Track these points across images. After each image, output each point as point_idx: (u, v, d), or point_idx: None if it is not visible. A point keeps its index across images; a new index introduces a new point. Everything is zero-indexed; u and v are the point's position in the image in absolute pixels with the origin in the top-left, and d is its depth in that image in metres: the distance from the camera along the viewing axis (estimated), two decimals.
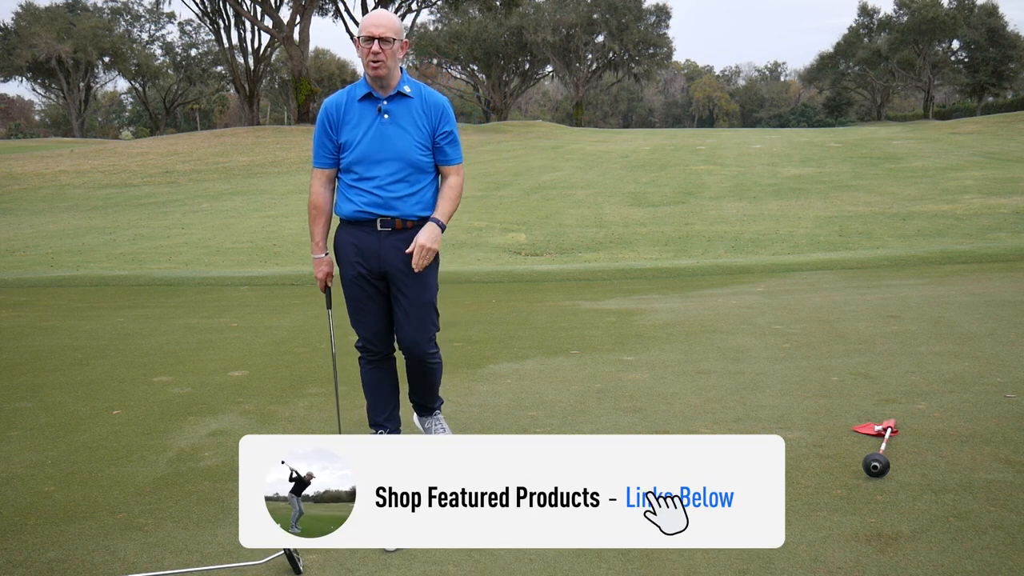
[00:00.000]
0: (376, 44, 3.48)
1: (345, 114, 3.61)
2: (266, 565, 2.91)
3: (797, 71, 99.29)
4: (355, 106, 3.61)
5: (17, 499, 3.55)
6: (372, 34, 3.49)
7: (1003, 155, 22.72)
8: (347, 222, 3.68)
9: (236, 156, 29.11)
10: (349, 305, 3.76)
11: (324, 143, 3.65)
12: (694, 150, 27.28)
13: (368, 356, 3.81)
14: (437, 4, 52.28)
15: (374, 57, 3.49)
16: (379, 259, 3.63)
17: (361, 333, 3.78)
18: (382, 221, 3.60)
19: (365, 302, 3.71)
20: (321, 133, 3.65)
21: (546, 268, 10.72)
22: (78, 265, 12.22)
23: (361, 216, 3.60)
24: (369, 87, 3.60)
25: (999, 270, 9.22)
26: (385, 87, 3.58)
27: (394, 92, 3.59)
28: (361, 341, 3.80)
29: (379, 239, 3.61)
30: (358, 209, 3.60)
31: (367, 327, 3.76)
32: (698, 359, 5.58)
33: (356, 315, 3.76)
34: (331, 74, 75.87)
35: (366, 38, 3.50)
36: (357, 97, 3.61)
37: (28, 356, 6.34)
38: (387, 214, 3.59)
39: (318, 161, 3.69)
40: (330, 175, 3.69)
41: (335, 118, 3.62)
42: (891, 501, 3.22)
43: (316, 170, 3.71)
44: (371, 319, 3.74)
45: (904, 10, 68.59)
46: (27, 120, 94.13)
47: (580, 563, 2.85)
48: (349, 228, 3.67)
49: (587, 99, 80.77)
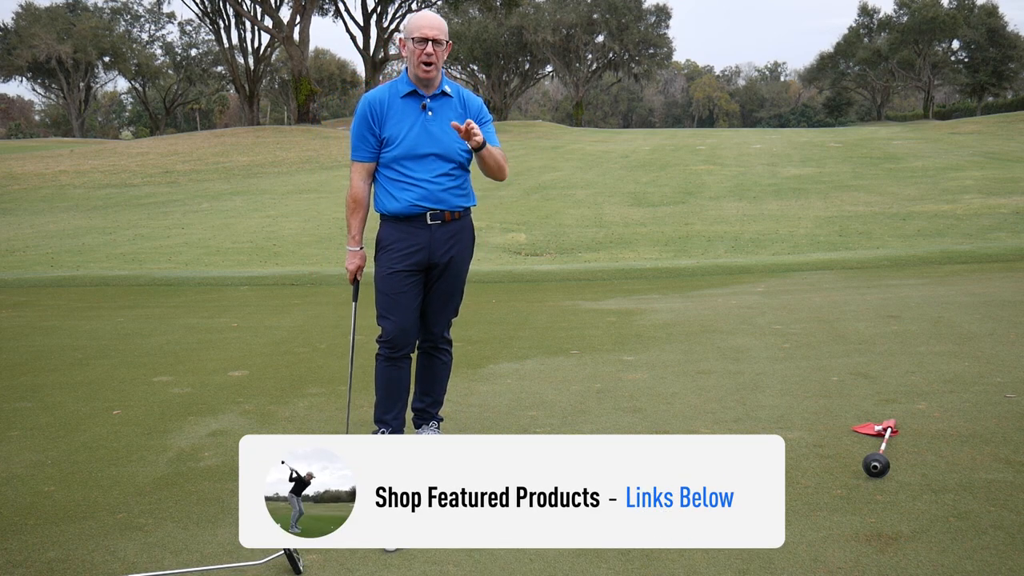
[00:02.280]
0: (430, 46, 3.55)
1: (389, 109, 3.66)
2: (266, 565, 2.91)
3: (797, 71, 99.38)
4: (398, 102, 3.66)
5: (17, 499, 3.55)
6: (427, 36, 3.55)
7: (1003, 155, 22.72)
8: (395, 218, 3.71)
9: (236, 156, 29.11)
10: (383, 298, 3.75)
11: (366, 136, 3.69)
12: (694, 150, 27.28)
13: (389, 352, 3.78)
14: (437, 4, 52.24)
15: (427, 59, 3.56)
16: (430, 251, 3.70)
17: (387, 328, 3.76)
18: (432, 214, 3.67)
19: (401, 296, 3.72)
20: (363, 126, 3.68)
21: (546, 268, 10.72)
22: (78, 265, 12.22)
23: (412, 211, 3.66)
24: (412, 85, 3.66)
25: (999, 270, 9.22)
26: (429, 86, 3.66)
27: (437, 91, 3.67)
28: (385, 336, 3.78)
29: (431, 232, 3.69)
30: (411, 204, 3.65)
31: (396, 322, 3.74)
32: (698, 359, 5.58)
33: (389, 308, 3.74)
34: (331, 74, 75.85)
35: (420, 39, 3.56)
36: (400, 94, 3.67)
37: (28, 356, 6.34)
38: (437, 207, 3.67)
39: (358, 154, 3.73)
40: (370, 169, 3.74)
41: (379, 112, 3.66)
42: (891, 501, 3.22)
43: (356, 163, 3.74)
44: (404, 313, 3.74)
45: (904, 10, 68.61)
46: (27, 120, 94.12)
47: (580, 563, 2.85)
48: (397, 224, 3.71)
49: (587, 99, 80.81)
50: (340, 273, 10.00)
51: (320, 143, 31.59)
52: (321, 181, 22.99)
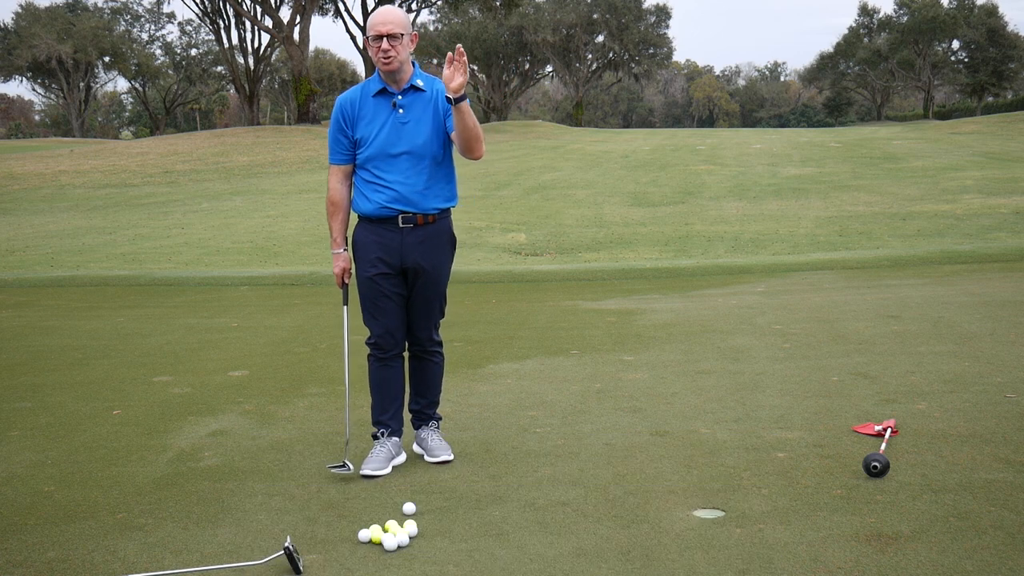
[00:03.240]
0: (385, 41, 3.52)
1: (360, 110, 3.64)
2: (266, 565, 2.90)
3: (797, 71, 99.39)
4: (369, 102, 3.64)
5: (17, 499, 3.55)
6: (380, 32, 3.52)
7: (1003, 155, 22.72)
8: (367, 219, 3.69)
9: (236, 156, 29.11)
10: (364, 302, 3.77)
11: (339, 139, 3.68)
12: (694, 150, 27.28)
13: (378, 354, 3.81)
14: (437, 4, 52.28)
15: (384, 54, 3.52)
16: (401, 255, 3.65)
17: (374, 330, 3.78)
18: (404, 217, 3.62)
19: (381, 299, 3.71)
20: (336, 130, 3.68)
21: (546, 268, 10.71)
22: (78, 265, 12.22)
23: (383, 213, 3.62)
24: (383, 82, 3.63)
25: (999, 270, 9.22)
26: (398, 82, 3.61)
27: (407, 86, 3.62)
28: (373, 338, 3.80)
29: (401, 235, 3.64)
30: (380, 206, 3.61)
31: (381, 324, 3.76)
32: (698, 359, 5.58)
33: (371, 312, 3.76)
34: (331, 74, 75.83)
35: (375, 37, 3.53)
36: (371, 93, 3.64)
37: (28, 356, 6.34)
38: (409, 210, 3.62)
39: (334, 157, 3.72)
40: (347, 171, 3.73)
41: (350, 114, 3.64)
42: (891, 501, 3.22)
43: (333, 166, 3.74)
44: (386, 316, 3.74)
45: (904, 10, 68.64)
46: (27, 120, 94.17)
47: (580, 563, 2.85)
48: (369, 225, 3.69)
49: (587, 99, 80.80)
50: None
51: (320, 143, 31.57)
52: (321, 181, 22.97)
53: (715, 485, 3.45)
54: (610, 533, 3.06)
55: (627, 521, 3.15)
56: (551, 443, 4.04)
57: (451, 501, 3.41)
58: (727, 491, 3.38)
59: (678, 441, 3.99)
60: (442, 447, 3.86)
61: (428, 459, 3.83)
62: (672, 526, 3.09)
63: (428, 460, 3.83)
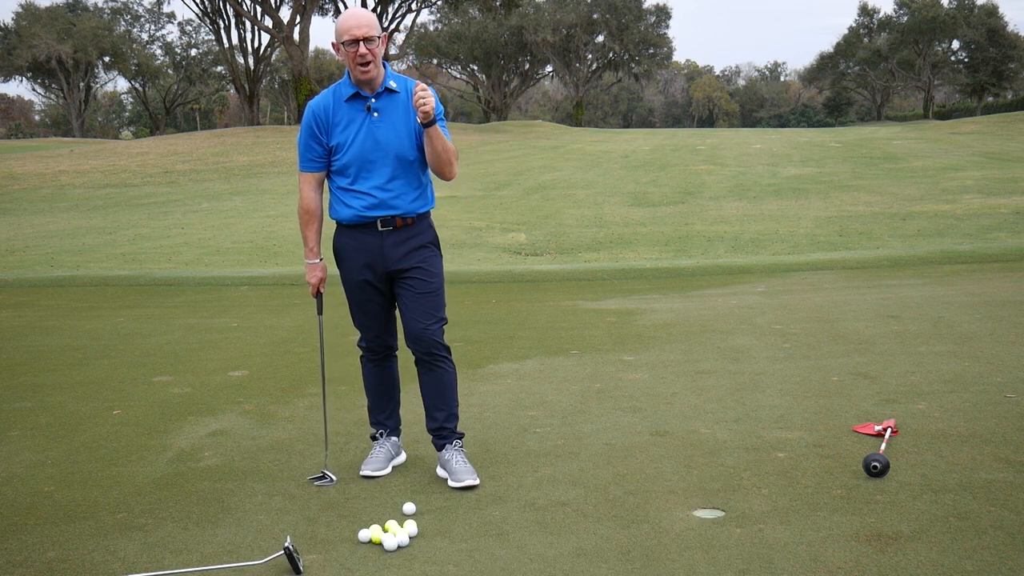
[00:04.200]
0: (362, 46, 3.39)
1: (334, 116, 3.52)
2: (266, 565, 2.90)
3: (797, 71, 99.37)
4: (343, 107, 3.52)
5: (17, 499, 3.55)
6: (356, 36, 3.39)
7: (1003, 155, 22.72)
8: (346, 226, 3.61)
9: (236, 156, 29.10)
10: (351, 307, 3.75)
11: (312, 146, 3.57)
12: (694, 150, 27.28)
13: (371, 355, 3.81)
14: (437, 4, 52.25)
15: (361, 60, 3.40)
16: (383, 259, 3.58)
17: (364, 332, 3.77)
18: (383, 221, 3.55)
19: (367, 304, 3.69)
20: (308, 136, 3.56)
21: (546, 268, 10.71)
22: (78, 265, 12.22)
23: (361, 219, 3.55)
24: (355, 86, 3.51)
25: (999, 270, 9.22)
26: (371, 85, 3.50)
27: (381, 89, 3.51)
28: (364, 341, 3.79)
29: (381, 239, 3.57)
30: (358, 213, 3.54)
31: (369, 328, 3.75)
32: (698, 359, 5.57)
33: (359, 317, 3.75)
34: (331, 74, 75.73)
35: (350, 41, 3.40)
36: (344, 97, 3.52)
37: (28, 356, 6.34)
38: (387, 214, 3.54)
39: (305, 165, 3.61)
40: (319, 178, 3.62)
41: (324, 120, 3.53)
42: (891, 501, 3.22)
43: (304, 174, 3.62)
44: (373, 321, 3.73)
45: (904, 10, 68.64)
46: (27, 120, 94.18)
47: (580, 563, 2.85)
48: (349, 232, 3.62)
49: (587, 99, 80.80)
50: (337, 273, 9.99)
51: None
52: None
53: (715, 485, 3.45)
54: (610, 533, 3.06)
55: (627, 521, 3.15)
56: (551, 443, 4.04)
57: (451, 501, 3.41)
58: (727, 491, 3.38)
59: (678, 441, 3.99)
60: (467, 471, 3.58)
61: (452, 484, 3.55)
62: (672, 526, 3.09)
63: (452, 485, 3.55)
